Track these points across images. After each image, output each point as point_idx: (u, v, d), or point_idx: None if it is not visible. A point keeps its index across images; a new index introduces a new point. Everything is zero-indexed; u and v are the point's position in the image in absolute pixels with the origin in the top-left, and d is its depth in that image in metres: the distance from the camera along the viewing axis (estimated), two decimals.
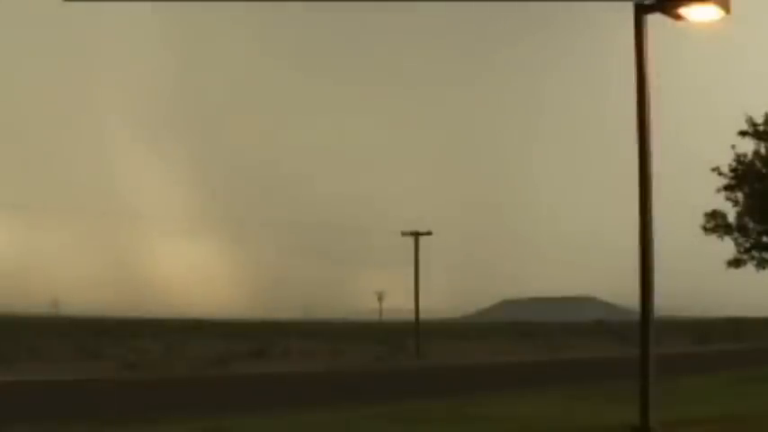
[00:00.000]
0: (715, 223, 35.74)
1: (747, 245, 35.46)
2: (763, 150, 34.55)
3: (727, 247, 35.94)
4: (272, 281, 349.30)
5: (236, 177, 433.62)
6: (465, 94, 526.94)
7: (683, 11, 11.61)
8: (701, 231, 36.23)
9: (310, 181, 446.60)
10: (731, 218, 35.67)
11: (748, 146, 34.77)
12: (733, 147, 34.85)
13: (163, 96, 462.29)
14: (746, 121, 34.26)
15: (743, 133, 34.51)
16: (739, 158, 34.81)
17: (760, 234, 35.24)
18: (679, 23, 11.93)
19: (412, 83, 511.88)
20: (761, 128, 34.22)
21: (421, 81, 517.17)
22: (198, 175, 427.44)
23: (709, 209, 36.12)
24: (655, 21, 11.90)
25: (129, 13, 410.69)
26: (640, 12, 11.81)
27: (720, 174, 35.17)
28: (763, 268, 35.46)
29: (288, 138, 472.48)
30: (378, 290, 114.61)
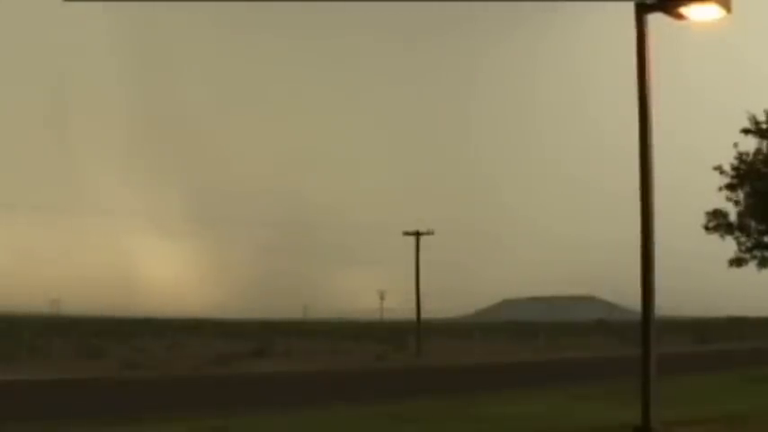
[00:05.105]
0: (716, 222, 35.65)
1: (749, 244, 35.39)
2: (765, 149, 34.47)
3: (728, 246, 35.90)
4: (271, 281, 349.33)
5: (235, 177, 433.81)
6: (465, 94, 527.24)
7: (683, 10, 11.60)
8: (702, 230, 36.17)
9: (310, 180, 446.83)
10: (733, 217, 35.60)
11: (750, 144, 34.70)
12: (735, 145, 34.78)
13: (163, 96, 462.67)
14: (749, 119, 34.17)
15: (745, 131, 34.42)
16: (741, 157, 34.73)
17: (761, 233, 35.17)
18: (680, 23, 11.92)
19: (411, 81, 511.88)
20: (763, 126, 34.14)
21: (420, 79, 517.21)
22: (198, 175, 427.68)
23: (710, 208, 36.06)
24: (656, 20, 11.89)
25: (117, 14, 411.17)
26: (641, 11, 11.79)
27: (722, 172, 35.09)
28: (765, 267, 35.39)
29: (288, 137, 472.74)
30: (379, 289, 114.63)
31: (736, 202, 35.27)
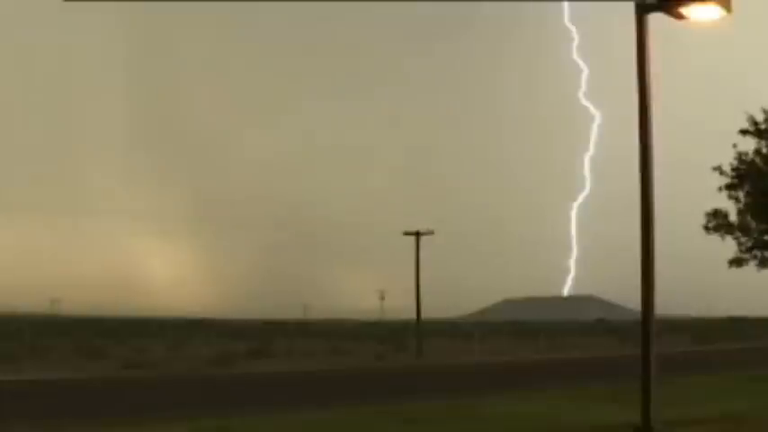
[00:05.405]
0: (716, 222, 35.65)
1: (749, 244, 35.38)
2: (764, 149, 34.46)
3: (728, 246, 35.89)
4: (271, 280, 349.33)
5: (235, 178, 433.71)
6: (465, 93, 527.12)
7: (684, 10, 11.61)
8: (702, 230, 36.16)
9: (310, 180, 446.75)
10: (733, 217, 35.60)
11: (750, 144, 34.70)
12: (734, 146, 34.79)
13: (164, 96, 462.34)
14: (747, 119, 34.18)
15: (743, 132, 34.43)
16: (740, 157, 34.73)
17: (761, 233, 35.16)
18: (681, 22, 11.92)
19: (412, 80, 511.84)
20: (762, 126, 34.14)
21: (421, 79, 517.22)
22: (198, 175, 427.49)
23: (710, 208, 36.06)
24: (656, 20, 11.89)
25: (117, 14, 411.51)
26: (641, 11, 11.79)
27: (722, 173, 35.09)
28: (765, 267, 35.38)
29: (289, 137, 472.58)
30: (379, 288, 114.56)
31: (737, 201, 35.26)
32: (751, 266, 35.83)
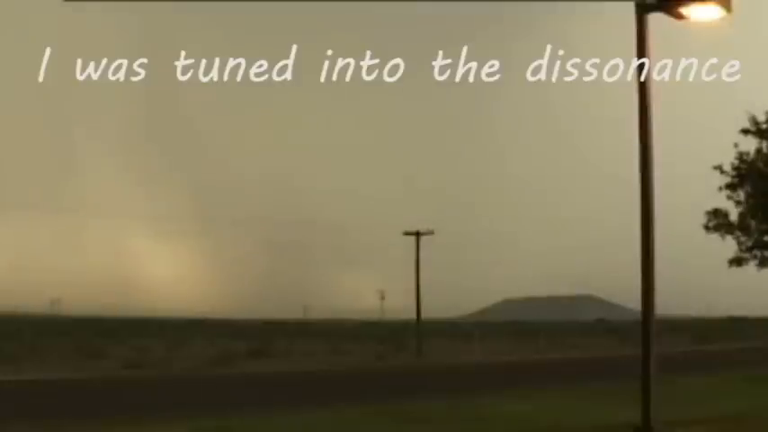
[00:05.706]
0: (717, 222, 35.66)
1: (749, 243, 35.40)
2: (765, 149, 34.46)
3: (728, 245, 35.90)
4: (272, 280, 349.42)
5: (236, 177, 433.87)
6: (467, 94, 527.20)
7: (684, 10, 11.61)
8: (702, 230, 36.16)
9: (310, 180, 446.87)
10: (733, 216, 35.60)
11: (751, 144, 34.70)
12: (735, 145, 34.79)
13: (163, 96, 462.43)
14: (749, 119, 34.19)
15: (744, 131, 34.44)
16: (741, 157, 34.74)
17: (762, 233, 35.16)
18: (681, 22, 11.92)
19: (413, 81, 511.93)
20: (763, 126, 34.14)
21: (423, 80, 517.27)
22: (198, 175, 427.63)
23: (710, 207, 36.06)
24: (656, 19, 11.89)
25: (117, 13, 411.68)
26: (641, 11, 11.79)
27: (722, 172, 35.10)
28: (765, 267, 35.39)
29: (289, 137, 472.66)
30: (379, 288, 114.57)
31: (738, 202, 35.26)
32: (751, 266, 35.85)
